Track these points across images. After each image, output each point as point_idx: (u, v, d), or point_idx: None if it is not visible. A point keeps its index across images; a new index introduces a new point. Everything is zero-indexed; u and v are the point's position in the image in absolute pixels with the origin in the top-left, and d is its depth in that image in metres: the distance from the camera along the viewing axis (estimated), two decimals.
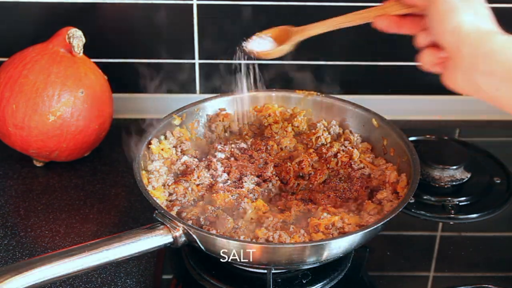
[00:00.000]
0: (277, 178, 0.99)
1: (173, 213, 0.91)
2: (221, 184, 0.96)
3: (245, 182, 0.96)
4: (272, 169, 0.99)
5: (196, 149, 1.05)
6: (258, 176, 0.98)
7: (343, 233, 0.86)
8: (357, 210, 0.93)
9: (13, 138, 1.10)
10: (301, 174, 1.00)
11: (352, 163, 1.01)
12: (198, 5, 1.23)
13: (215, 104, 1.09)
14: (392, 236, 1.01)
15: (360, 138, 1.06)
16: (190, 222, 0.89)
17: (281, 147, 1.05)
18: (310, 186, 0.98)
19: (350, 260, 0.95)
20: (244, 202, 0.92)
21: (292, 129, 1.07)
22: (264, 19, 1.26)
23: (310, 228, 0.88)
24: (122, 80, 1.28)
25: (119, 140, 1.23)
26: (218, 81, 1.30)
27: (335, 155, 1.02)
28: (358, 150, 1.03)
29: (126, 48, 1.29)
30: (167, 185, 0.96)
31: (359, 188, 0.96)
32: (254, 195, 0.95)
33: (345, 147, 1.04)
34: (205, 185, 0.97)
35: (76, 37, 1.11)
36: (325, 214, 0.90)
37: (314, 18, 1.25)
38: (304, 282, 0.91)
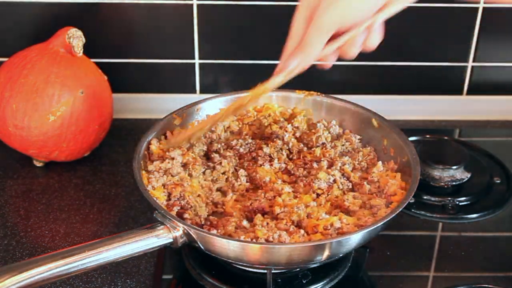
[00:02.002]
0: None
1: (173, 213, 0.91)
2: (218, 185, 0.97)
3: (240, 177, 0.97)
4: None
5: (195, 149, 1.05)
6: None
7: (341, 233, 0.87)
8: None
9: (13, 138, 1.10)
10: None
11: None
12: (198, 5, 1.23)
13: (215, 104, 1.09)
14: (392, 236, 1.01)
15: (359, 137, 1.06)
16: (190, 222, 0.89)
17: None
18: None
19: (350, 260, 0.95)
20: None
21: (292, 128, 1.07)
22: (264, 18, 1.26)
23: (308, 229, 0.88)
24: (122, 80, 1.28)
25: (119, 140, 1.24)
26: (218, 81, 1.30)
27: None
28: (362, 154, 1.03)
29: (126, 48, 1.29)
30: (167, 185, 0.96)
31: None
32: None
33: (347, 149, 1.04)
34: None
35: (76, 37, 1.11)
36: (323, 214, 0.90)
37: None
38: (304, 282, 0.91)
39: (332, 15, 0.81)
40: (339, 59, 0.88)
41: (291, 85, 1.13)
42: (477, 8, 1.24)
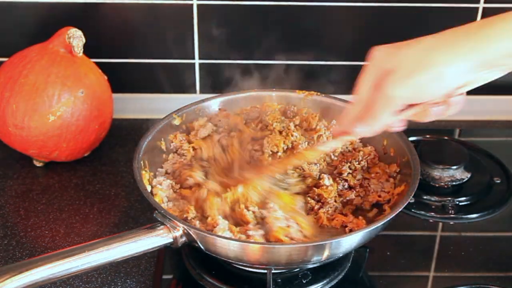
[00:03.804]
0: None
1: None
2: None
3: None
4: None
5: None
6: None
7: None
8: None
9: (13, 138, 1.10)
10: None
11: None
12: (198, 5, 1.23)
13: (215, 104, 1.09)
14: (392, 236, 1.01)
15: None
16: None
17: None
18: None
19: (350, 260, 0.95)
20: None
21: (294, 126, 1.07)
22: (264, 18, 1.26)
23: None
24: (122, 80, 1.28)
25: (119, 140, 1.24)
26: (218, 81, 1.30)
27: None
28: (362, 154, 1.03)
29: (126, 48, 1.29)
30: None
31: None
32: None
33: (347, 149, 1.04)
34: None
35: (76, 37, 1.11)
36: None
37: (313, 17, 1.26)
38: (304, 282, 0.91)
39: (403, 91, 0.75)
40: None
41: (291, 85, 1.13)
42: (477, 8, 1.24)
